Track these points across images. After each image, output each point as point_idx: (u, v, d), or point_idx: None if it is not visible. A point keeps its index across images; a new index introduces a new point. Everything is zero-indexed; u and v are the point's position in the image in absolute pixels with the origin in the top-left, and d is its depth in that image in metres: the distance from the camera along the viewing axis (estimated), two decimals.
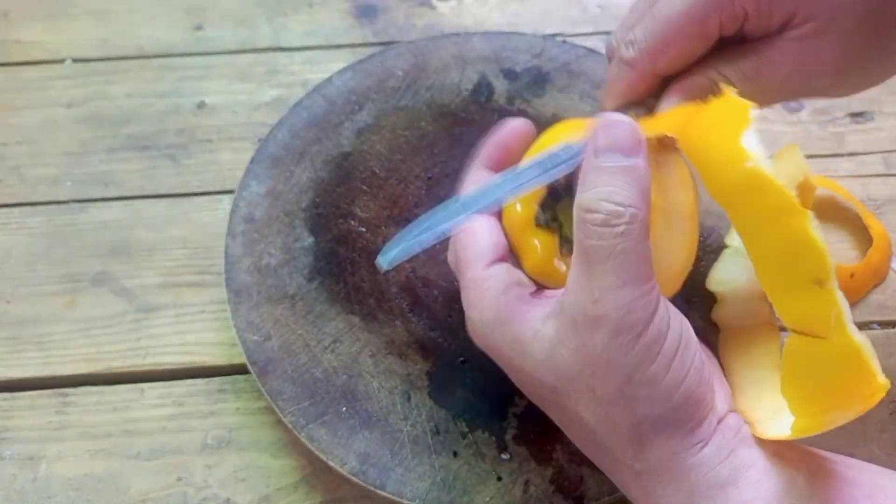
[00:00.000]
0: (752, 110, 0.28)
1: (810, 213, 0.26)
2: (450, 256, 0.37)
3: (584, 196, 0.29)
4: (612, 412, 0.30)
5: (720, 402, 0.31)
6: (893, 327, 0.46)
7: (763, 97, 0.32)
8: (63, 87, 0.57)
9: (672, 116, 0.33)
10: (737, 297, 0.42)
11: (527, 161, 0.35)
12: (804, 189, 0.46)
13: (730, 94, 0.30)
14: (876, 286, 0.47)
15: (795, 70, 0.32)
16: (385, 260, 0.35)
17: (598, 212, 0.29)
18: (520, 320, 0.32)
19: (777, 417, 0.31)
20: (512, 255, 0.35)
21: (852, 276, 0.46)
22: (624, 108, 0.34)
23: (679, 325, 0.30)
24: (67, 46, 0.59)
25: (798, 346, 0.28)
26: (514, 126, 0.37)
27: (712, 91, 0.32)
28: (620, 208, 0.29)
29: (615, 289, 0.28)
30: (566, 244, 0.35)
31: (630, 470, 0.31)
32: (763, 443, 0.31)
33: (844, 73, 0.32)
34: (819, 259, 0.26)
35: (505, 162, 0.37)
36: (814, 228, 0.26)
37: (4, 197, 0.51)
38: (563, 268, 0.34)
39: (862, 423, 0.43)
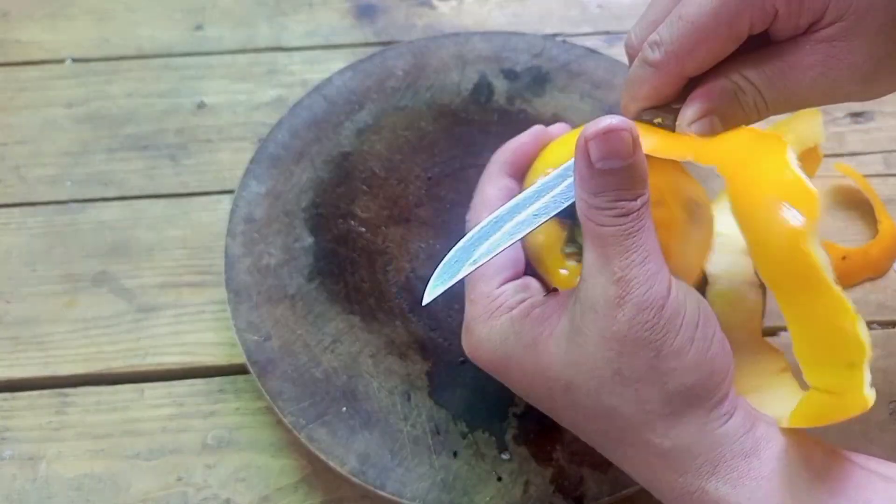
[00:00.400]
0: (795, 164, 0.28)
1: (857, 316, 0.28)
2: None
3: (593, 199, 0.30)
4: (641, 390, 0.30)
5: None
6: (893, 327, 0.46)
7: (788, 103, 0.32)
8: (63, 87, 0.57)
9: (691, 142, 0.32)
10: (728, 285, 0.43)
11: (546, 178, 0.34)
12: (811, 156, 0.46)
13: (775, 140, 0.30)
14: (871, 279, 0.48)
15: (822, 73, 0.31)
16: (430, 296, 0.33)
17: (612, 208, 0.29)
18: (532, 325, 0.32)
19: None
20: (533, 271, 0.36)
21: (844, 258, 0.47)
22: (648, 113, 0.34)
23: (696, 298, 0.31)
24: (67, 46, 0.59)
25: (814, 397, 0.30)
26: (533, 131, 0.37)
27: (737, 97, 0.32)
28: (631, 202, 0.29)
29: (637, 265, 0.29)
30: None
31: (656, 450, 0.31)
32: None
33: (872, 76, 0.31)
34: (859, 350, 0.28)
35: (525, 168, 0.37)
36: (860, 328, 0.28)
37: (4, 197, 0.51)
38: (572, 263, 0.35)
39: (862, 423, 0.43)
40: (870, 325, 0.46)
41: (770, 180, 0.29)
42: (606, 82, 0.52)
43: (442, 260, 0.33)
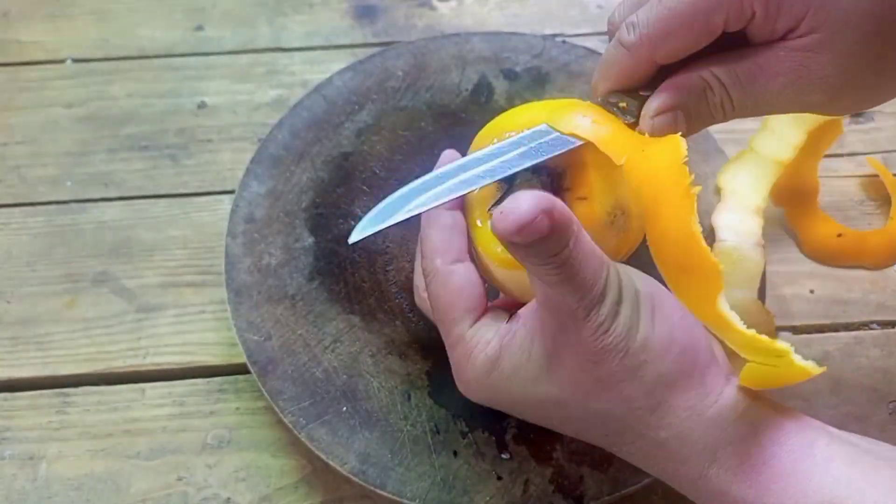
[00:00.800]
0: (693, 188, 0.29)
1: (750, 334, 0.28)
2: (418, 301, 0.37)
3: (526, 262, 0.29)
4: (624, 390, 0.31)
5: (721, 356, 0.33)
6: (893, 327, 0.46)
7: (755, 106, 0.32)
8: (63, 87, 0.57)
9: (636, 143, 0.32)
10: (733, 244, 0.45)
11: (501, 142, 0.34)
12: (832, 126, 0.49)
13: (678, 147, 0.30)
14: (867, 269, 0.48)
15: (791, 81, 0.31)
16: (357, 236, 0.33)
17: (545, 265, 0.29)
18: (509, 353, 0.33)
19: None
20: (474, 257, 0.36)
21: (839, 235, 0.48)
22: (615, 94, 0.34)
23: (647, 285, 0.31)
24: (67, 46, 0.59)
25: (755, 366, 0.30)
26: (450, 158, 0.37)
27: (704, 94, 0.32)
28: (559, 255, 0.28)
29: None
30: None
31: (654, 443, 0.31)
32: (776, 404, 0.31)
33: (839, 91, 0.31)
34: (780, 353, 0.28)
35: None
36: (769, 340, 0.28)
37: (5, 197, 0.51)
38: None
39: (862, 423, 0.43)
40: (870, 325, 0.46)
41: (673, 235, 0.29)
42: None
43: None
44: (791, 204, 0.50)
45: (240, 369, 0.45)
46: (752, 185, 0.47)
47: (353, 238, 0.33)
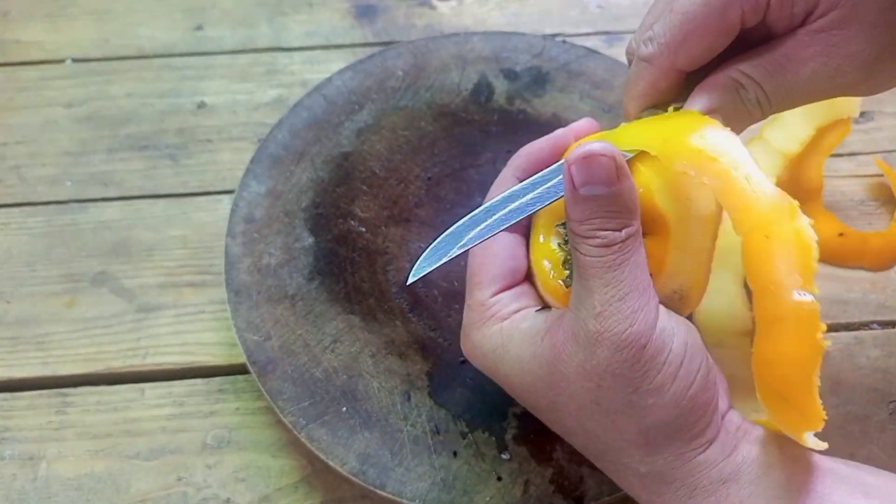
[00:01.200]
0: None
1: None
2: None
3: (578, 227, 0.29)
4: (618, 421, 0.30)
5: (722, 399, 0.32)
6: (893, 327, 0.46)
7: (790, 97, 0.31)
8: (63, 87, 0.57)
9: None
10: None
11: (547, 168, 0.34)
12: (840, 126, 0.48)
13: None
14: (868, 271, 0.48)
15: (822, 64, 0.30)
16: (414, 276, 0.33)
17: (594, 237, 0.29)
18: (519, 341, 0.32)
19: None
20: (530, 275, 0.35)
21: (840, 234, 0.48)
22: (649, 112, 0.33)
23: (684, 332, 0.30)
24: (67, 46, 0.59)
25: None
26: (552, 135, 0.36)
27: (738, 93, 0.31)
28: (615, 233, 0.29)
29: (616, 300, 0.29)
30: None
31: (635, 472, 0.31)
32: (765, 438, 0.31)
33: (873, 65, 0.30)
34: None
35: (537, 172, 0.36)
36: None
37: (4, 197, 0.51)
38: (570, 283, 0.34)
39: (862, 423, 0.43)
40: (870, 325, 0.46)
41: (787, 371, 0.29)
42: (606, 82, 0.52)
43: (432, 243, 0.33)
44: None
45: (239, 369, 0.45)
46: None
47: (411, 280, 0.33)
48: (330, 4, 0.61)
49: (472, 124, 0.51)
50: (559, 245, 0.34)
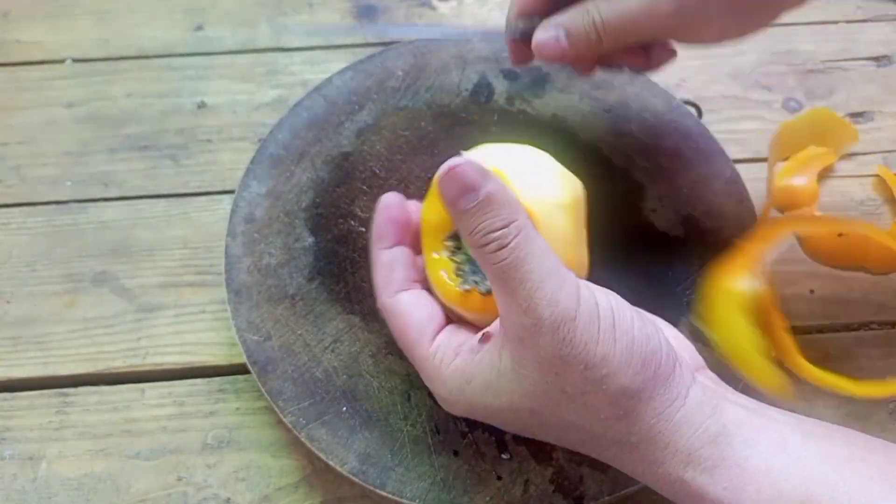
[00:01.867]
0: None
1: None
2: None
3: (472, 238, 0.31)
4: (588, 401, 0.31)
5: (685, 355, 0.33)
6: (893, 327, 0.46)
7: (620, 25, 0.39)
8: (63, 87, 0.57)
9: None
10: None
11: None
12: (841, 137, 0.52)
13: None
14: (868, 273, 0.48)
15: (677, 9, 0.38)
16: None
17: (488, 244, 0.30)
18: (480, 369, 0.33)
19: None
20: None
21: (840, 235, 0.48)
22: (523, 19, 0.41)
23: (605, 297, 0.31)
24: (67, 46, 0.59)
25: None
26: (386, 200, 0.38)
27: (583, 15, 0.39)
28: (503, 231, 0.30)
29: (537, 289, 0.30)
30: (469, 264, 0.37)
31: (628, 447, 0.32)
32: (748, 402, 0.32)
33: (683, 16, 0.38)
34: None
35: (406, 236, 0.38)
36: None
37: (5, 197, 0.51)
38: (467, 287, 0.36)
39: (862, 422, 0.43)
40: (870, 325, 0.46)
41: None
42: (606, 82, 0.52)
43: None
44: (790, 206, 0.50)
45: (240, 369, 0.45)
46: None
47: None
48: (330, 5, 0.61)
49: (472, 124, 0.51)
50: (449, 257, 0.37)
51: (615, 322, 0.31)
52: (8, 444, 0.42)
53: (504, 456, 0.39)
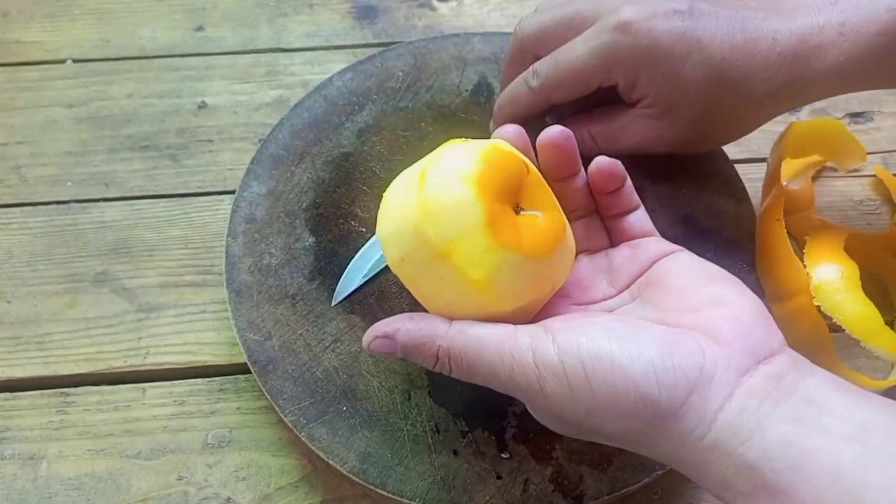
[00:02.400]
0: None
1: None
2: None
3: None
4: (602, 433, 0.31)
5: (743, 343, 0.30)
6: (893, 328, 0.46)
7: (620, 151, 0.43)
8: (63, 87, 0.57)
9: None
10: None
11: None
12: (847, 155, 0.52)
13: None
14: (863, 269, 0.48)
15: (642, 138, 0.43)
16: (336, 299, 0.44)
17: (438, 370, 0.33)
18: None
19: None
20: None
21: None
22: (518, 122, 0.39)
23: (575, 345, 0.30)
24: (68, 47, 0.59)
25: None
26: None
27: (583, 139, 0.44)
28: (432, 362, 0.33)
29: (490, 381, 0.33)
30: None
31: (664, 458, 0.31)
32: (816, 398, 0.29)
33: (674, 146, 0.44)
34: None
35: None
36: None
37: (5, 197, 0.51)
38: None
39: None
40: None
41: None
42: None
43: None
44: (786, 209, 0.50)
45: (240, 369, 0.45)
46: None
47: (335, 303, 0.44)
48: (330, 5, 0.61)
49: (472, 125, 0.51)
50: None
51: (588, 378, 0.29)
52: (8, 443, 0.42)
53: (504, 455, 0.39)
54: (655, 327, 0.31)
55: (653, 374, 0.29)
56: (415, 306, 0.44)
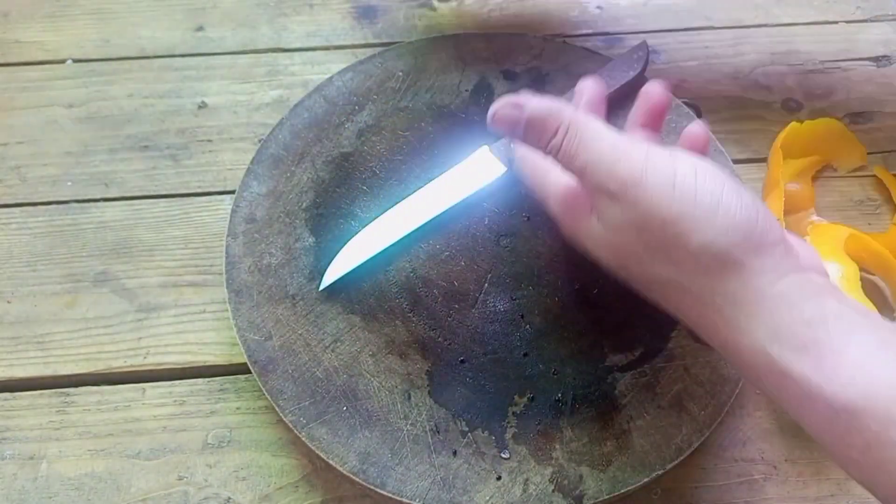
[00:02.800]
0: None
1: None
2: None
3: (544, 153, 0.35)
4: (672, 255, 0.32)
5: (808, 260, 0.33)
6: None
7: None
8: (63, 87, 0.57)
9: None
10: None
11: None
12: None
13: None
14: (863, 269, 0.48)
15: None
16: (325, 283, 0.44)
17: (552, 153, 0.35)
18: (571, 217, 0.37)
19: None
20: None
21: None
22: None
23: (690, 161, 0.33)
24: (68, 47, 0.59)
25: None
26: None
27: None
28: (553, 140, 0.34)
29: (607, 156, 0.33)
30: None
31: (714, 307, 0.32)
32: (861, 307, 0.31)
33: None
34: None
35: None
36: None
37: (5, 197, 0.51)
38: None
39: None
40: None
41: None
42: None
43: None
44: (787, 210, 0.50)
45: (240, 369, 0.45)
46: None
47: (322, 287, 0.44)
48: (330, 5, 0.61)
49: (472, 125, 0.51)
50: None
51: (697, 183, 0.31)
52: (8, 443, 0.42)
53: (504, 455, 0.39)
54: None
55: (759, 206, 0.32)
56: (415, 306, 0.44)
